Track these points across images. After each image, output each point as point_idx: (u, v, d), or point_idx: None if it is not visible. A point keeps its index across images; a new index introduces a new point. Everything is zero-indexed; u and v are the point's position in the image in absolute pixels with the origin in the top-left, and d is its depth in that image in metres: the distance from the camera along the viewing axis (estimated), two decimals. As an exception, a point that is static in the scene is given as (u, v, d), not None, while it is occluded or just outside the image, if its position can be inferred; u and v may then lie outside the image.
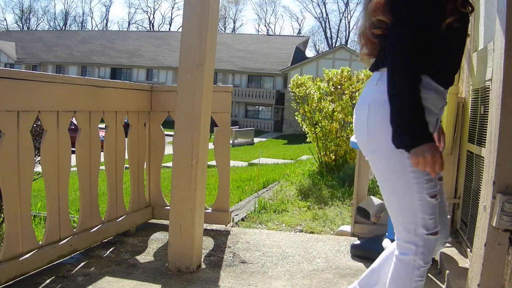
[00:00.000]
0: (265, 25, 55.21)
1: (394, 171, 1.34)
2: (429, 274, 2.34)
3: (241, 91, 30.52)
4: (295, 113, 6.37)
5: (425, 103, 1.28)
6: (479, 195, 1.84)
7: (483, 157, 1.99)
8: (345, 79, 5.89)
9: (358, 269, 2.42)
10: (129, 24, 55.93)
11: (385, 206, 1.47)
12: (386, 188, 1.42)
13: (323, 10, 63.35)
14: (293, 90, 6.16)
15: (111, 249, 2.58)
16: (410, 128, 1.24)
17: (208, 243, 2.75)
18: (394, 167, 1.33)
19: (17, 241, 2.02)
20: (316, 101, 5.87)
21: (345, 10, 58.28)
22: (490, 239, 1.44)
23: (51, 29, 51.36)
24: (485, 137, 1.91)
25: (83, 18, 57.01)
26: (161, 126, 3.06)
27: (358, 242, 2.67)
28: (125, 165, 2.84)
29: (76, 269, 2.28)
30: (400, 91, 1.25)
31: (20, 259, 2.03)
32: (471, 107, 2.54)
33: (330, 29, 51.61)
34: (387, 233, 2.59)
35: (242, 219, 3.71)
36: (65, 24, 54.89)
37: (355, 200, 2.96)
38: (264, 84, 31.08)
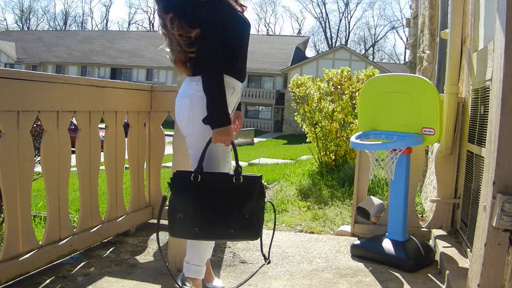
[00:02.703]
0: (265, 25, 55.30)
1: (203, 144, 1.79)
2: (429, 274, 2.34)
3: (241, 91, 30.46)
4: (295, 113, 6.37)
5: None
6: (479, 195, 1.84)
7: (483, 157, 1.99)
8: (345, 79, 5.89)
9: (358, 269, 2.42)
10: (129, 24, 55.89)
11: (384, 206, 1.50)
12: (195, 156, 1.83)
13: (323, 10, 63.31)
14: (293, 90, 6.16)
15: (111, 249, 2.58)
16: (219, 115, 1.73)
17: (208, 243, 2.75)
18: (204, 142, 1.78)
19: (17, 241, 2.02)
20: (316, 101, 5.87)
21: (345, 10, 58.31)
22: (490, 239, 1.44)
23: (51, 29, 51.31)
24: (485, 137, 1.91)
25: (83, 18, 56.93)
26: (161, 126, 3.06)
27: (358, 242, 2.67)
28: (125, 165, 2.84)
29: (76, 269, 2.28)
30: (215, 89, 1.73)
31: (20, 259, 2.03)
32: (471, 107, 2.54)
33: (330, 29, 51.56)
34: (387, 233, 2.59)
35: (242, 219, 3.71)
36: (65, 24, 54.84)
37: (355, 200, 2.96)
38: (264, 84, 31.05)
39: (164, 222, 3.09)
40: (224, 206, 1.73)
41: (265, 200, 1.79)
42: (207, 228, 1.74)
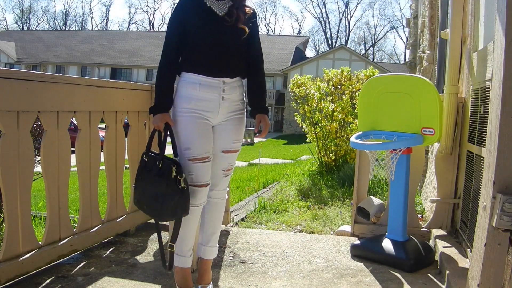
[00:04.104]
0: (265, 25, 55.16)
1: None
2: (429, 274, 2.34)
3: (241, 91, 30.39)
4: (295, 113, 6.37)
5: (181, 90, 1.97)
6: (479, 195, 1.84)
7: (483, 157, 1.99)
8: (345, 79, 5.89)
9: (358, 269, 2.42)
10: (129, 24, 55.92)
11: (384, 206, 1.51)
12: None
13: (323, 10, 63.30)
14: (293, 90, 6.16)
15: (111, 249, 2.58)
16: (154, 103, 1.98)
17: (208, 243, 2.74)
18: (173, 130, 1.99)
19: (17, 241, 2.02)
20: (316, 101, 5.87)
21: (345, 10, 58.36)
22: (490, 239, 1.44)
23: (51, 29, 51.33)
24: (485, 137, 1.91)
25: (83, 18, 56.96)
26: (161, 126, 3.06)
27: (358, 242, 2.67)
28: (125, 165, 2.84)
29: (76, 269, 2.28)
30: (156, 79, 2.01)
31: (20, 259, 2.03)
32: (471, 107, 2.54)
33: (330, 29, 51.61)
34: (387, 233, 2.59)
35: (242, 219, 3.71)
36: (65, 24, 54.85)
37: (355, 200, 2.96)
38: (264, 84, 31.04)
39: (164, 222, 3.09)
40: (147, 184, 1.91)
41: (180, 186, 1.84)
42: (138, 201, 1.96)
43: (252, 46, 2.05)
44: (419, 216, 3.29)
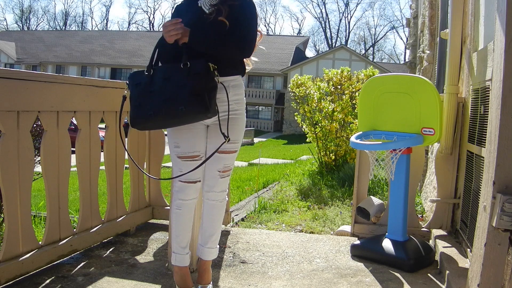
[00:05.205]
0: (265, 25, 55.08)
1: None
2: (429, 274, 2.34)
3: (241, 91, 30.37)
4: (295, 113, 6.37)
5: None
6: (479, 195, 1.84)
7: (483, 157, 1.99)
8: (345, 79, 5.89)
9: (358, 269, 2.42)
10: (129, 24, 55.89)
11: (384, 206, 1.50)
12: None
13: (323, 10, 63.11)
14: (293, 90, 6.16)
15: (111, 249, 2.58)
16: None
17: (208, 243, 2.74)
18: None
19: (17, 241, 2.02)
20: (316, 101, 5.87)
21: (345, 10, 58.31)
22: (490, 239, 1.44)
23: (51, 29, 51.33)
24: (485, 137, 1.91)
25: (83, 18, 56.92)
26: (161, 126, 3.06)
27: (358, 242, 2.67)
28: (125, 165, 2.84)
29: (76, 269, 2.28)
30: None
31: (20, 259, 2.03)
32: (471, 107, 2.54)
33: (330, 29, 51.58)
34: (387, 233, 2.59)
35: (242, 219, 3.71)
36: (65, 24, 54.85)
37: (355, 200, 2.96)
38: (264, 84, 31.05)
39: (164, 222, 3.10)
40: (174, 88, 1.82)
41: (217, 80, 1.85)
42: (160, 110, 1.83)
43: (237, 28, 1.88)
44: (419, 216, 3.29)
